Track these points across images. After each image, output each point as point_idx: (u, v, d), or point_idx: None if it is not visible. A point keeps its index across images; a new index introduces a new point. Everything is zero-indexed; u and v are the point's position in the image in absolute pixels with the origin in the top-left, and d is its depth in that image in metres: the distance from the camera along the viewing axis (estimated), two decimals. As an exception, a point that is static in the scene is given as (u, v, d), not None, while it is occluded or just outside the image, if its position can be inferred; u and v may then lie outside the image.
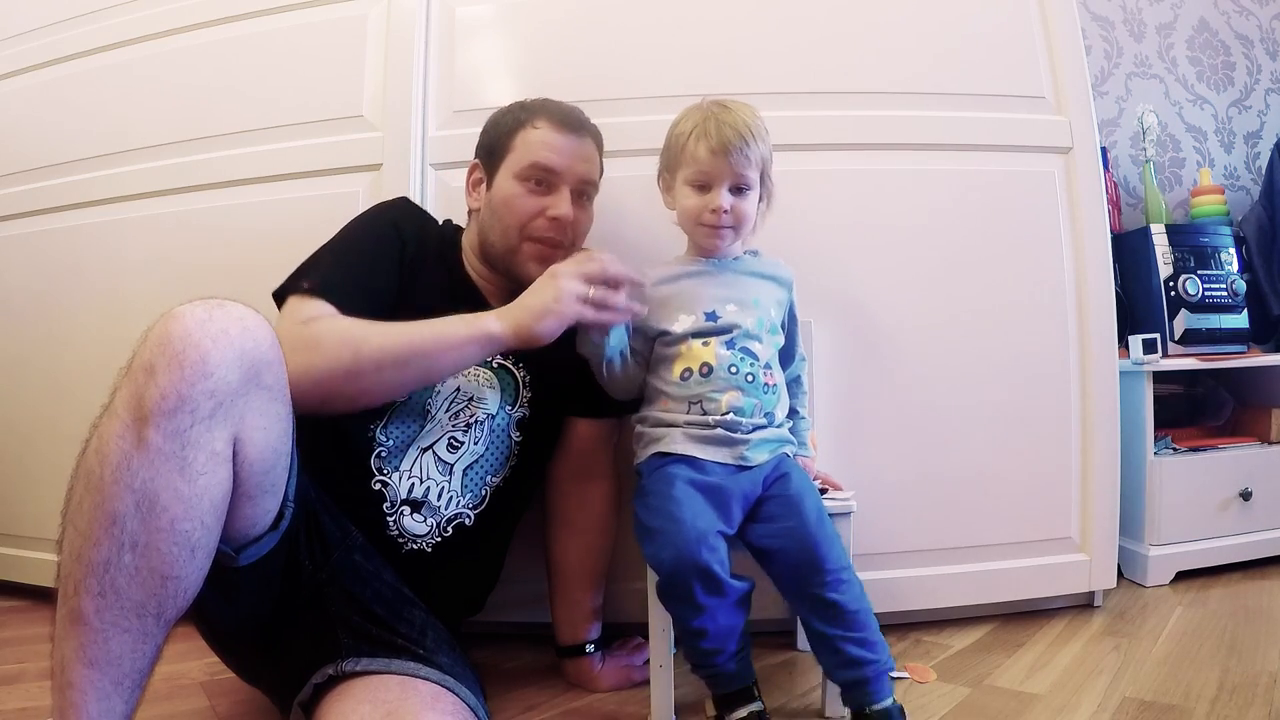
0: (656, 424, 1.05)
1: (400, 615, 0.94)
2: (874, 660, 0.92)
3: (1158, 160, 2.17)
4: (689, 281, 1.08)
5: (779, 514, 0.97)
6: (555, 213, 1.10)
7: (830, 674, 0.96)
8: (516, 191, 1.11)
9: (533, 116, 1.13)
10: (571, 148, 1.12)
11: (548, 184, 1.11)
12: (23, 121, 1.69)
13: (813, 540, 0.94)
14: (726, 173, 1.03)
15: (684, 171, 1.06)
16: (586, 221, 1.17)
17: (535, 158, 1.10)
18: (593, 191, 1.17)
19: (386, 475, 1.05)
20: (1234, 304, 1.80)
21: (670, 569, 0.91)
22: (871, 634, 0.93)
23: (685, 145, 1.05)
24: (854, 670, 0.92)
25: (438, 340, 0.95)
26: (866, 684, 0.92)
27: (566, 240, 1.13)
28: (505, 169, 1.12)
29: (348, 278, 1.02)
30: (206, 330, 0.73)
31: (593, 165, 1.16)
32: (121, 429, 0.70)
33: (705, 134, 1.03)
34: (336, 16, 1.50)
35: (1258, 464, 1.70)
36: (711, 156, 1.03)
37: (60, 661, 0.71)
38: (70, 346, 1.61)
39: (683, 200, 1.07)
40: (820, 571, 0.93)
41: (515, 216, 1.11)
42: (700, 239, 1.09)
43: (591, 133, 1.16)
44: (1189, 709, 1.02)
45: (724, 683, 0.96)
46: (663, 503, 0.96)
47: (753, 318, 1.06)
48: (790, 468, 1.03)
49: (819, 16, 1.43)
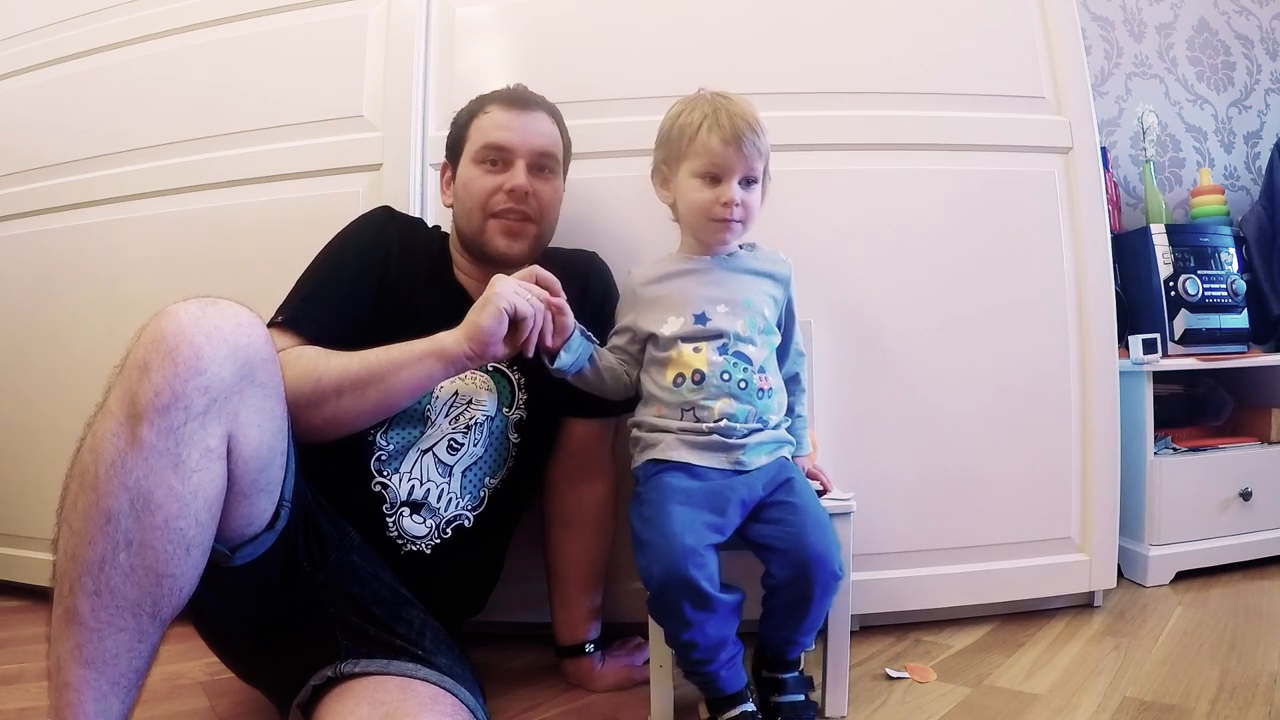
0: (651, 429, 1.05)
1: (399, 616, 0.94)
2: (806, 644, 1.01)
3: (1158, 160, 2.17)
4: (678, 281, 1.07)
5: (782, 518, 0.97)
6: (512, 184, 1.10)
7: (764, 639, 1.01)
8: (474, 174, 1.13)
9: (483, 104, 1.15)
10: (521, 123, 1.12)
11: (503, 161, 1.12)
12: (23, 121, 1.70)
13: (817, 551, 0.94)
14: (739, 164, 1.02)
15: (691, 163, 1.03)
16: (550, 194, 1.16)
17: (488, 138, 1.12)
18: (553, 164, 1.16)
19: (386, 477, 1.05)
20: (1234, 304, 1.80)
21: (659, 584, 0.91)
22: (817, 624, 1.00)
23: (696, 135, 1.02)
24: (786, 648, 1.00)
25: (395, 361, 0.94)
26: (788, 651, 1.01)
27: (532, 211, 1.13)
28: (465, 157, 1.15)
29: (318, 308, 1.03)
30: (200, 327, 0.73)
31: (548, 138, 1.15)
32: (116, 427, 0.70)
33: (718, 124, 1.01)
34: (336, 16, 1.50)
35: (1258, 464, 1.70)
36: (724, 147, 1.00)
37: (57, 661, 0.71)
38: (70, 346, 1.61)
39: (690, 194, 1.04)
40: (823, 574, 0.93)
41: (475, 197, 1.12)
42: (709, 234, 1.06)
43: (544, 106, 1.16)
44: (1189, 709, 1.02)
45: (716, 688, 0.96)
46: (655, 514, 0.95)
47: (744, 319, 1.04)
48: (793, 472, 1.03)
49: (818, 17, 1.43)
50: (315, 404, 0.92)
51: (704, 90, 1.07)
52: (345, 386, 0.93)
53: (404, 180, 1.42)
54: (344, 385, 0.93)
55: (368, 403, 0.95)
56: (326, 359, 0.95)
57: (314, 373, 0.93)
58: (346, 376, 0.93)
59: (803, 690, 1.01)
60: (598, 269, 1.23)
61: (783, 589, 0.95)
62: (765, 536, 0.97)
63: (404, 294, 1.11)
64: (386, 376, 0.94)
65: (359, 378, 0.93)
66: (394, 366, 0.94)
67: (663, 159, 1.08)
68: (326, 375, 0.93)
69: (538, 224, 1.14)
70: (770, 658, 1.02)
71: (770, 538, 0.96)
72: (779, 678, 1.01)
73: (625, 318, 1.10)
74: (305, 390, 0.91)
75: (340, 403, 0.93)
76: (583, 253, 1.24)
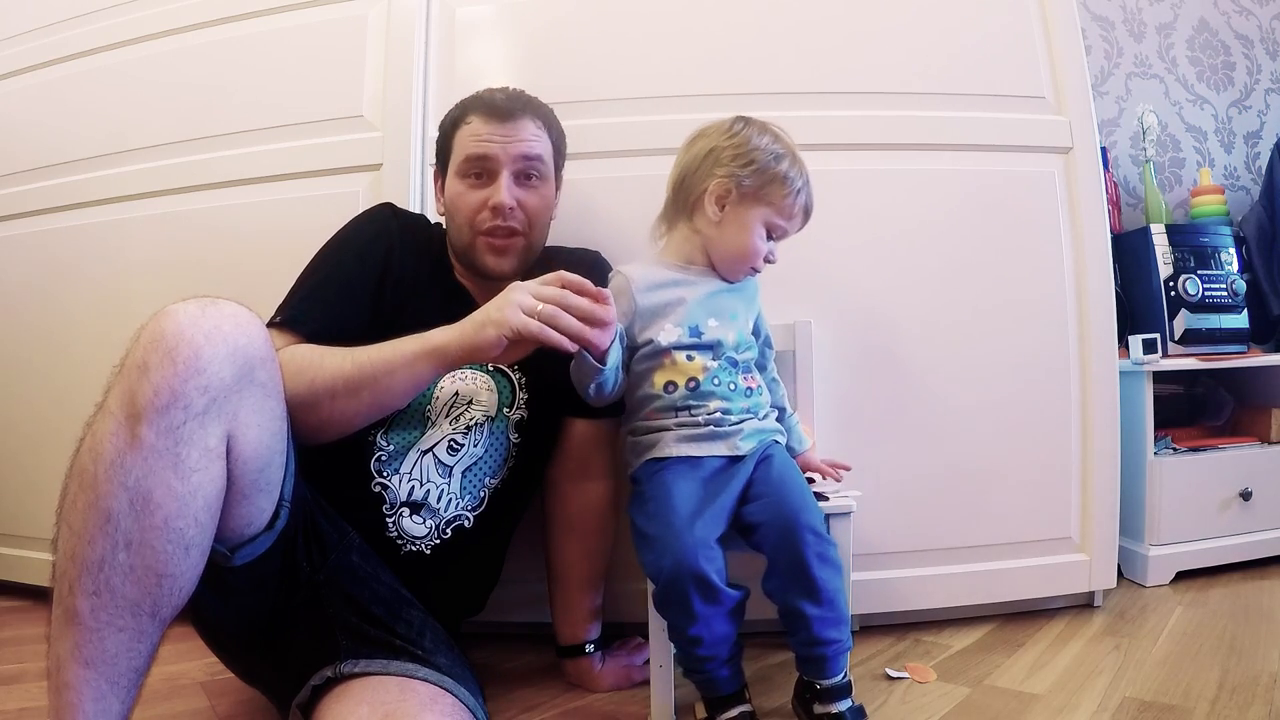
0: (647, 432, 1.06)
1: (398, 616, 0.94)
2: (839, 640, 0.95)
3: (1158, 160, 2.17)
4: (676, 291, 1.08)
5: (762, 492, 0.99)
6: (494, 201, 1.09)
7: (797, 647, 0.97)
8: (460, 189, 1.12)
9: (465, 113, 1.13)
10: (503, 132, 1.10)
11: (487, 173, 1.11)
12: (23, 121, 1.70)
13: (793, 508, 0.94)
14: (793, 233, 1.10)
15: (765, 210, 1.06)
16: (537, 202, 1.13)
17: (467, 152, 1.11)
18: (540, 168, 1.13)
19: (386, 477, 1.05)
20: (1234, 304, 1.80)
21: (669, 577, 0.91)
22: (843, 615, 0.96)
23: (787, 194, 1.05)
24: (821, 647, 0.94)
25: (388, 362, 0.93)
26: (826, 661, 0.94)
27: (519, 224, 1.11)
28: (451, 170, 1.14)
29: (317, 307, 1.03)
30: (199, 327, 0.73)
31: (534, 141, 1.12)
32: (115, 427, 0.70)
33: (808, 196, 1.08)
34: (336, 16, 1.50)
35: (1258, 464, 1.70)
36: (801, 219, 1.09)
37: (56, 661, 0.71)
38: (70, 346, 1.61)
39: (752, 238, 1.06)
40: (801, 530, 0.92)
41: (462, 214, 1.12)
42: (736, 275, 1.10)
43: (530, 110, 1.13)
44: (1189, 709, 1.02)
45: (716, 687, 0.97)
46: (661, 509, 0.96)
47: (733, 332, 1.07)
48: (774, 451, 1.05)
49: (818, 17, 1.43)
50: (311, 405, 0.92)
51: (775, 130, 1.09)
52: (339, 389, 0.92)
53: (404, 180, 1.42)
54: (338, 387, 0.92)
55: (362, 404, 0.94)
56: (320, 359, 0.94)
57: (308, 373, 0.92)
58: (340, 377, 0.93)
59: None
60: (600, 269, 1.22)
61: (776, 559, 0.94)
62: (751, 515, 0.98)
63: (405, 293, 1.11)
64: (380, 378, 0.93)
65: (352, 380, 0.93)
66: (387, 369, 0.93)
67: (749, 187, 1.05)
68: (320, 376, 0.92)
69: (526, 235, 1.13)
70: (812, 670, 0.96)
71: (753, 514, 0.97)
72: (831, 711, 0.94)
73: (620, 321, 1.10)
74: (300, 391, 0.91)
75: (335, 405, 0.93)
76: (586, 252, 1.24)
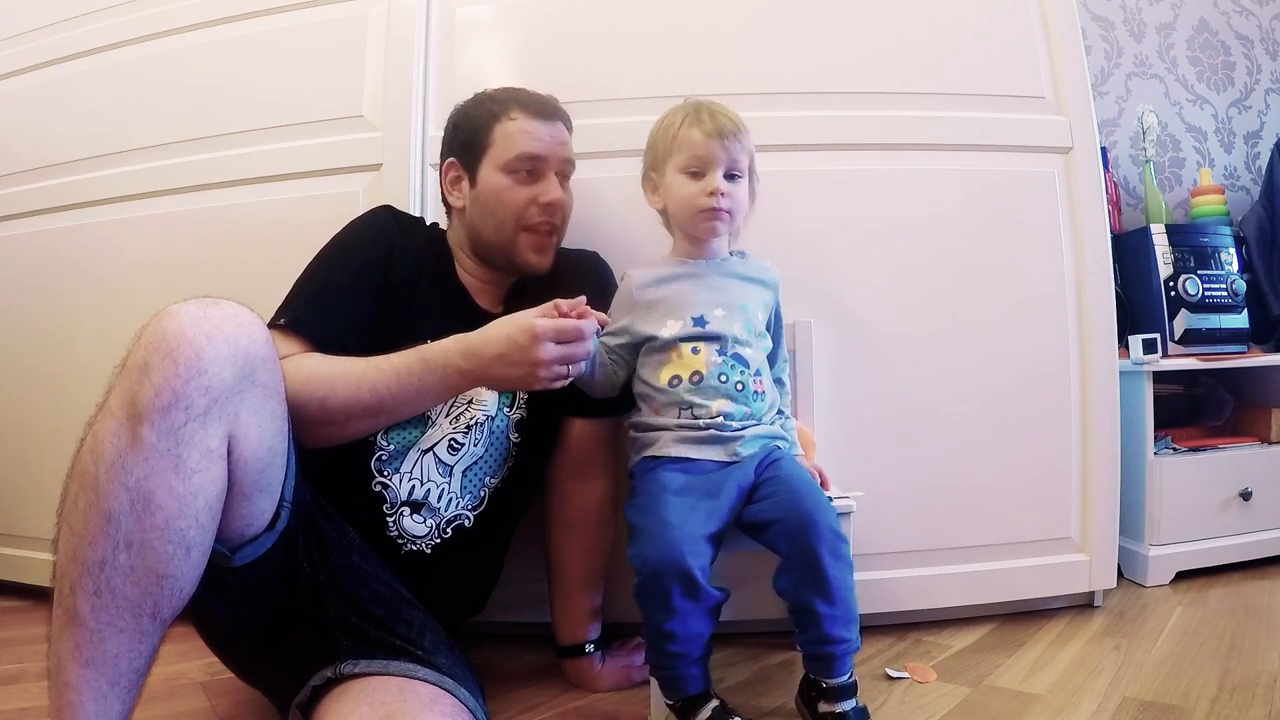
0: (647, 429, 1.06)
1: (399, 616, 0.94)
2: (848, 639, 0.94)
3: (1158, 160, 2.17)
4: (677, 285, 1.08)
5: (772, 492, 0.98)
6: (548, 198, 1.11)
7: (805, 645, 0.96)
8: (505, 184, 1.11)
9: (505, 108, 1.13)
10: (551, 133, 1.13)
11: (536, 172, 1.12)
12: (23, 121, 1.70)
13: (810, 505, 0.94)
14: (721, 157, 1.04)
15: (676, 159, 1.06)
16: (570, 201, 1.18)
17: (521, 149, 1.10)
18: (570, 171, 1.18)
19: (386, 477, 1.05)
20: (1234, 304, 1.80)
21: (652, 568, 0.90)
22: (853, 614, 0.95)
23: (678, 134, 1.06)
24: (830, 645, 0.93)
25: (405, 392, 0.95)
26: (834, 660, 0.94)
27: (559, 222, 1.15)
28: (489, 163, 1.12)
29: (320, 310, 1.02)
30: (201, 327, 0.73)
31: (569, 146, 1.17)
32: (116, 427, 0.70)
33: (698, 120, 1.05)
34: (336, 16, 1.50)
35: (1258, 464, 1.70)
36: (706, 139, 1.04)
37: (57, 662, 0.71)
38: (71, 346, 1.61)
39: (677, 190, 1.07)
40: (819, 526, 0.92)
41: (508, 209, 1.11)
42: (697, 226, 1.08)
43: (563, 116, 1.17)
44: (1189, 709, 1.02)
45: (681, 686, 0.95)
46: (652, 503, 0.96)
47: (740, 323, 1.06)
48: (781, 455, 1.04)
49: (818, 17, 1.43)
50: (322, 424, 0.93)
51: (687, 99, 1.10)
52: (355, 414, 0.94)
53: (404, 180, 1.41)
54: (353, 412, 0.94)
55: (375, 426, 0.99)
56: (331, 381, 0.93)
57: (318, 391, 0.92)
58: (357, 404, 0.94)
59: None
60: (600, 270, 1.23)
61: (789, 555, 0.94)
62: (760, 513, 0.97)
63: (406, 295, 1.11)
64: (399, 408, 0.97)
65: (369, 407, 0.94)
66: (403, 399, 0.96)
67: (650, 164, 1.12)
68: (333, 399, 0.93)
69: (560, 231, 1.16)
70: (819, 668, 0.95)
71: (764, 512, 0.97)
72: (836, 710, 0.94)
73: (620, 320, 1.10)
74: (311, 409, 0.91)
75: (347, 426, 0.95)
76: (586, 253, 1.24)
